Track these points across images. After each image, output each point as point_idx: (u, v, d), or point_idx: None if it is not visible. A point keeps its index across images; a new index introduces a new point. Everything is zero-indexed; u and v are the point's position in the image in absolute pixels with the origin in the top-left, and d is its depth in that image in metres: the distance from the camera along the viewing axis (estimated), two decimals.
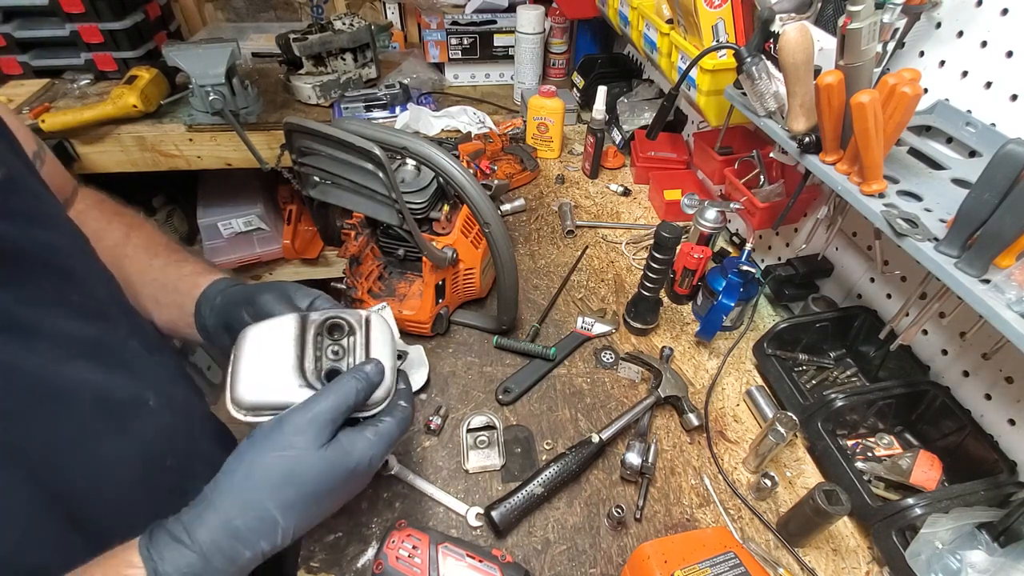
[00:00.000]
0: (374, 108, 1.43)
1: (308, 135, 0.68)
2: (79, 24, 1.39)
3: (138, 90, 1.31)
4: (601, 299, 0.97)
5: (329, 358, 0.48)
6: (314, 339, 0.48)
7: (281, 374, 0.45)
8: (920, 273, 0.61)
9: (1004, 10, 0.60)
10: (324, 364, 0.48)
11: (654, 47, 0.99)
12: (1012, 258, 0.50)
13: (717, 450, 0.75)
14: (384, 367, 0.47)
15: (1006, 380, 0.65)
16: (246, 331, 0.47)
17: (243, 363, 0.45)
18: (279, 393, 0.44)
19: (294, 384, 0.45)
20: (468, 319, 0.90)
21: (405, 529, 0.58)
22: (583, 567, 0.62)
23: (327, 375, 0.47)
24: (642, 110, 1.29)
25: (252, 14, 1.85)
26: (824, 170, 0.65)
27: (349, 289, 0.84)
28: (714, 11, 0.82)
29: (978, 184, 0.49)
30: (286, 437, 0.41)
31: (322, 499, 0.42)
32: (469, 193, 0.69)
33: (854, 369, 0.84)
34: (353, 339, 0.50)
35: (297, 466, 0.41)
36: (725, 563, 0.52)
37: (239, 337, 0.46)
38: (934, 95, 0.69)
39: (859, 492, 0.64)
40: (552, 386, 0.82)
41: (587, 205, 1.20)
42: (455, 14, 1.52)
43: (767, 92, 0.71)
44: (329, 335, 0.49)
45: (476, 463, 0.71)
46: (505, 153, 1.29)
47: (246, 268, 1.75)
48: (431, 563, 0.56)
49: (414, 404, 0.52)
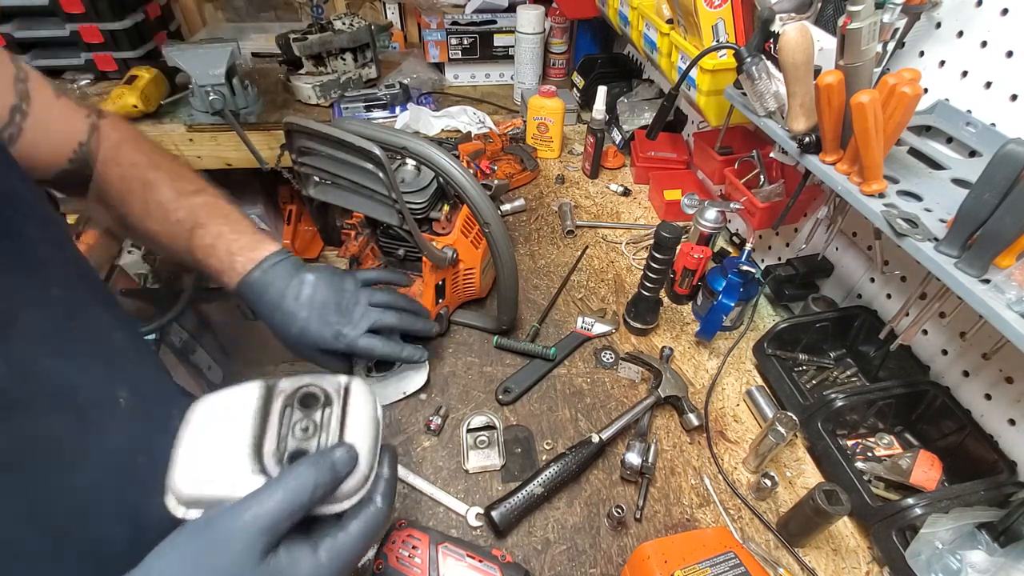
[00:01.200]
0: (374, 108, 1.43)
1: (308, 135, 0.68)
2: (79, 24, 1.39)
3: (138, 90, 1.31)
4: (601, 299, 0.97)
5: (296, 436, 0.38)
6: (281, 412, 0.38)
7: (233, 458, 0.36)
8: (920, 273, 0.61)
9: (1004, 10, 0.60)
10: (289, 445, 0.38)
11: (654, 47, 0.99)
12: (1012, 258, 0.50)
13: (717, 450, 0.75)
14: (358, 452, 0.38)
15: (1006, 380, 0.65)
16: (195, 403, 0.38)
17: (185, 444, 0.36)
18: (226, 484, 0.35)
19: (247, 471, 0.36)
20: (468, 319, 0.90)
21: (405, 529, 0.58)
22: (583, 567, 0.62)
23: (291, 458, 0.37)
24: (642, 110, 1.29)
25: (252, 14, 1.85)
26: (824, 170, 0.65)
27: None
28: (714, 11, 0.82)
29: (978, 184, 0.49)
30: (214, 543, 0.33)
31: None
32: (469, 193, 0.69)
33: (854, 369, 0.84)
34: (329, 411, 0.40)
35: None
36: (725, 563, 0.52)
37: (188, 410, 0.38)
38: (934, 95, 0.69)
39: (859, 492, 0.64)
40: (552, 386, 0.82)
41: (587, 205, 1.20)
42: (455, 14, 1.52)
43: (767, 92, 0.71)
44: (301, 407, 0.39)
45: (476, 463, 0.71)
46: (505, 153, 1.29)
47: None
48: (431, 563, 0.56)
49: (394, 497, 0.42)
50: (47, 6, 1.35)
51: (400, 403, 0.78)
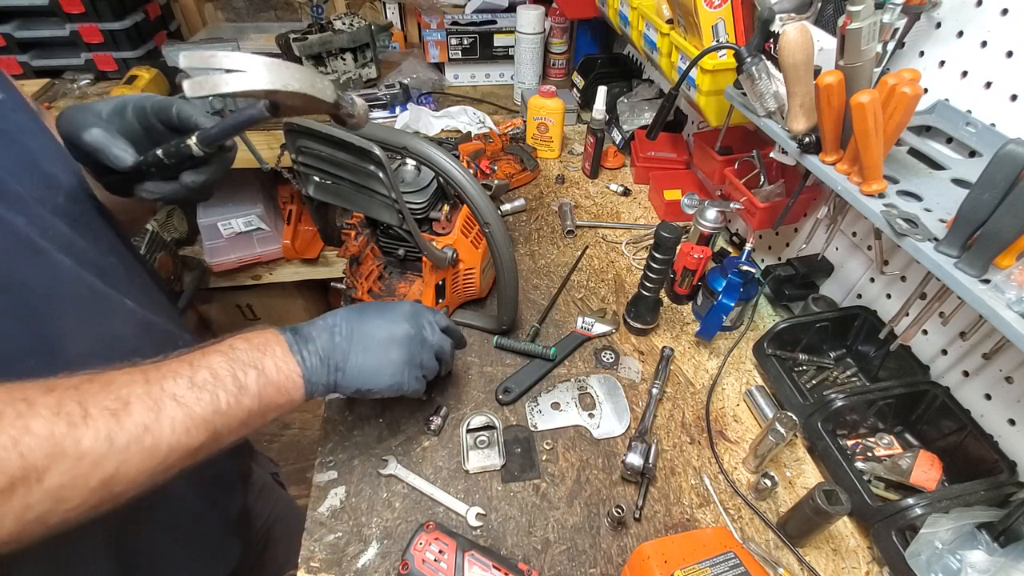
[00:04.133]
0: (374, 108, 1.43)
1: (308, 135, 0.68)
2: (79, 24, 1.39)
3: (138, 90, 1.31)
4: (601, 299, 0.97)
5: None
6: None
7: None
8: (920, 273, 0.61)
9: (1004, 10, 0.60)
10: None
11: (654, 47, 0.99)
12: (1012, 258, 0.50)
13: (717, 450, 0.75)
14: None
15: (1006, 380, 0.65)
16: None
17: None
18: None
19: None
20: (468, 319, 0.90)
21: (433, 531, 0.58)
22: (583, 567, 0.62)
23: None
24: (642, 110, 1.29)
25: (252, 14, 1.85)
26: (824, 170, 0.65)
27: (349, 289, 0.84)
28: (714, 11, 0.82)
29: (978, 184, 0.49)
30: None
31: None
32: (469, 193, 0.69)
33: (854, 369, 0.84)
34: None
35: None
36: (725, 563, 0.52)
37: None
38: (934, 95, 0.69)
39: (859, 492, 0.64)
40: (552, 386, 0.82)
41: (587, 205, 1.20)
42: (455, 14, 1.52)
43: (767, 92, 0.71)
44: None
45: (476, 463, 0.71)
46: (505, 153, 1.29)
47: (246, 268, 1.75)
48: (457, 569, 0.56)
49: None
50: (47, 6, 1.35)
51: (400, 403, 0.78)
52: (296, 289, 1.93)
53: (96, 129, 0.50)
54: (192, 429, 0.42)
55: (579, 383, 0.82)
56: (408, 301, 0.67)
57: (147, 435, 0.39)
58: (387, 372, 0.59)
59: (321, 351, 0.55)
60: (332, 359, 0.56)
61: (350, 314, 0.60)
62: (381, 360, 0.59)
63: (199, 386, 0.44)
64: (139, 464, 0.39)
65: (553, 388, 0.81)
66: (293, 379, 0.52)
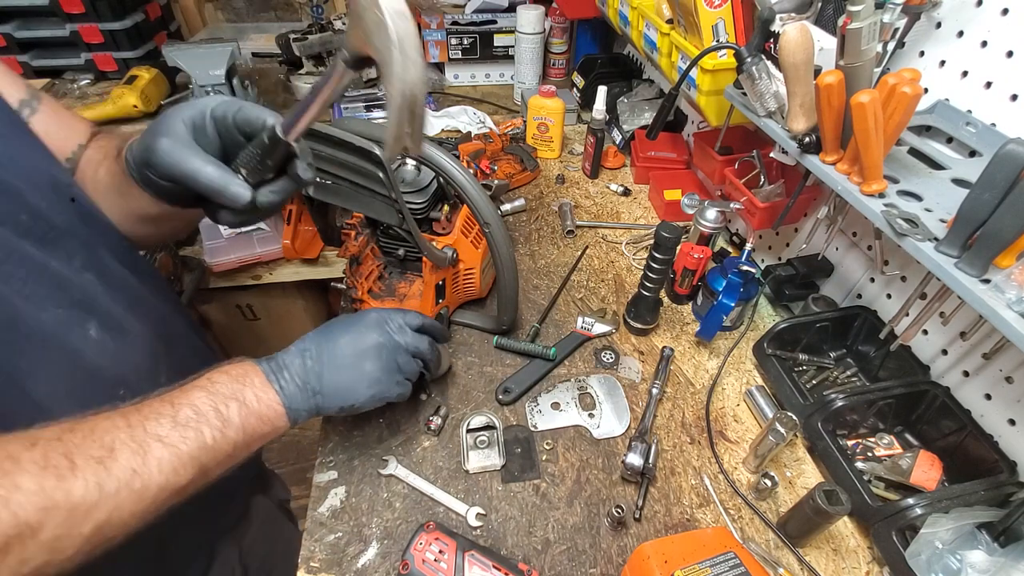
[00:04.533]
0: (374, 108, 1.43)
1: (308, 135, 0.68)
2: (79, 24, 1.39)
3: (138, 90, 1.31)
4: (601, 299, 0.97)
5: None
6: None
7: None
8: (920, 273, 0.61)
9: (1004, 10, 0.60)
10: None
11: (654, 47, 0.99)
12: (1012, 258, 0.50)
13: (717, 450, 0.75)
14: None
15: (1006, 380, 0.65)
16: None
17: None
18: None
19: None
20: (468, 319, 0.90)
21: (434, 531, 0.58)
22: (583, 567, 0.62)
23: None
24: (642, 110, 1.29)
25: (252, 14, 1.85)
26: (824, 170, 0.65)
27: (349, 289, 0.84)
28: (714, 11, 0.82)
29: (978, 184, 0.49)
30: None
31: None
32: (469, 193, 0.69)
33: (854, 369, 0.84)
34: None
35: None
36: (725, 563, 0.52)
37: None
38: (934, 95, 0.69)
39: (859, 492, 0.64)
40: (552, 386, 0.82)
41: (587, 205, 1.20)
42: (455, 14, 1.52)
43: (767, 92, 0.71)
44: None
45: (476, 463, 0.71)
46: (505, 153, 1.29)
47: (246, 268, 1.75)
48: (457, 570, 0.56)
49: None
50: (47, 6, 1.35)
51: (399, 403, 0.78)
52: (296, 289, 1.93)
53: (210, 168, 0.47)
54: (180, 468, 0.42)
55: (579, 383, 0.81)
56: (373, 309, 0.65)
57: (136, 478, 0.40)
58: (363, 385, 0.58)
59: (297, 378, 0.55)
60: (308, 384, 0.55)
61: (318, 335, 0.60)
62: (354, 375, 0.58)
63: (183, 424, 0.44)
64: (131, 507, 0.39)
65: (553, 388, 0.81)
66: (274, 408, 0.52)
